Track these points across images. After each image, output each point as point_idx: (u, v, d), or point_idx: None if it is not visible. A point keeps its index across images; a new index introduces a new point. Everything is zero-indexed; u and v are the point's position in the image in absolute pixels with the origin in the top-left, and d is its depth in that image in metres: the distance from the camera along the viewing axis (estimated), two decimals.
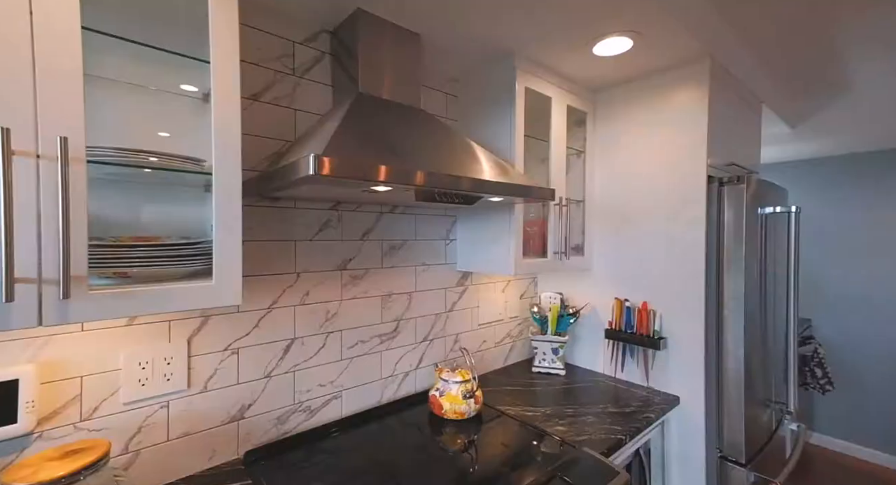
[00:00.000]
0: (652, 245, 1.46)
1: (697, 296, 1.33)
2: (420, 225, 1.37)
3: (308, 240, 1.09)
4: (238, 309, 0.96)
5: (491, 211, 1.36)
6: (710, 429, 1.32)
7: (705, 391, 1.32)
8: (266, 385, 1.01)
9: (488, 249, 1.38)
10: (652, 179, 1.46)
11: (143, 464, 0.82)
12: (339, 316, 1.15)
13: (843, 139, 2.53)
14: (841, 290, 2.81)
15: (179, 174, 0.79)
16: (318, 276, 1.11)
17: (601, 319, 1.61)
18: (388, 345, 1.27)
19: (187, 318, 0.88)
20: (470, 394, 1.18)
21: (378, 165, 0.71)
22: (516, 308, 1.75)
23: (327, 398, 1.12)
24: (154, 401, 0.84)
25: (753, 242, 1.31)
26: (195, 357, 0.89)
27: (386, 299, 1.27)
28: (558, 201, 1.44)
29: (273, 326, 1.02)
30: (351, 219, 1.18)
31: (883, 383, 2.62)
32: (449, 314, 1.46)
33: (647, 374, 1.45)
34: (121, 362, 0.80)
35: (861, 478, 2.41)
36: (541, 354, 1.63)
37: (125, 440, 0.80)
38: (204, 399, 0.91)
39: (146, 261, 0.63)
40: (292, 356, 1.06)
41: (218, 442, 0.92)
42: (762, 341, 1.39)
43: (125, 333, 0.81)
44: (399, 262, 1.31)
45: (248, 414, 0.97)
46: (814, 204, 2.95)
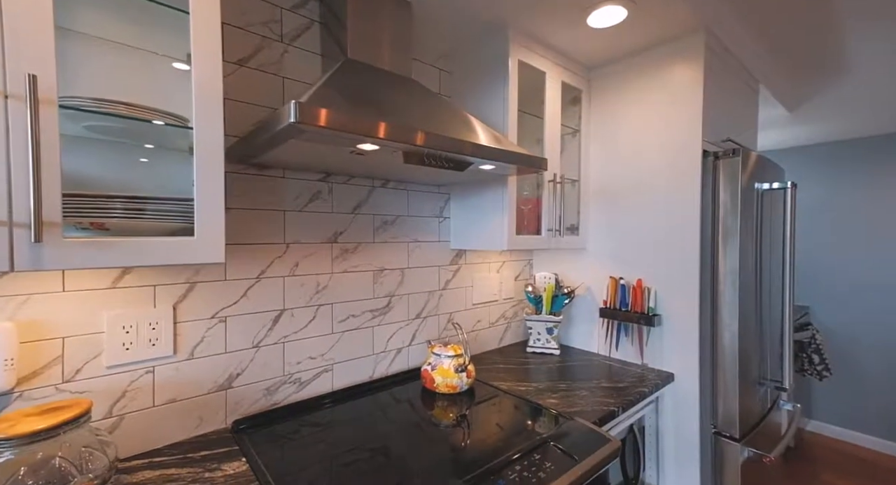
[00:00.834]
0: (647, 222, 1.44)
1: (692, 272, 1.32)
2: (413, 201, 1.35)
3: (297, 211, 1.07)
4: (225, 277, 0.95)
5: (484, 187, 1.34)
6: (704, 405, 1.31)
7: (699, 367, 1.31)
8: (255, 355, 1.00)
9: (482, 225, 1.36)
10: (647, 157, 1.44)
11: (127, 429, 0.81)
12: (329, 289, 1.14)
13: (841, 123, 2.51)
14: (839, 277, 2.80)
15: (162, 136, 0.78)
16: (308, 247, 1.09)
17: (596, 300, 1.60)
18: (380, 320, 1.26)
19: (173, 284, 0.87)
20: (462, 368, 1.17)
21: (364, 119, 0.69)
22: (511, 290, 1.74)
23: (318, 371, 1.11)
24: (139, 366, 0.83)
25: (749, 216, 1.30)
26: (181, 324, 0.88)
27: (378, 275, 1.26)
28: (553, 178, 1.43)
29: (262, 297, 1.01)
30: (342, 192, 1.16)
31: (881, 370, 2.62)
32: (442, 293, 1.45)
33: (642, 351, 1.44)
34: (104, 325, 0.78)
35: (859, 464, 2.41)
36: (535, 335, 1.62)
37: (109, 404, 0.79)
38: (191, 366, 0.89)
39: (125, 213, 0.62)
40: (281, 327, 1.04)
41: (205, 410, 0.91)
42: (757, 319, 1.38)
43: (108, 296, 0.79)
44: (391, 237, 1.29)
45: (237, 384, 0.96)
46: (811, 191, 2.94)
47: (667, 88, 1.39)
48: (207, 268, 0.92)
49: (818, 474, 2.32)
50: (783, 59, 1.70)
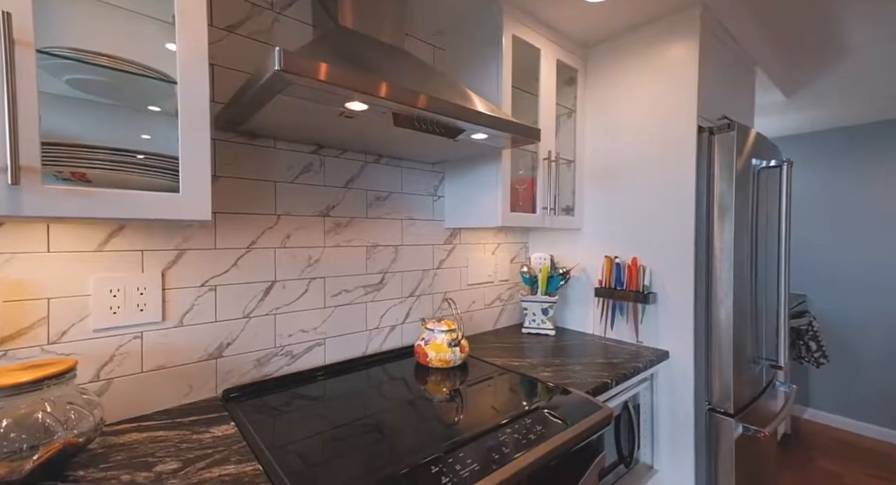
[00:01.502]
0: (642, 201, 1.44)
1: (687, 248, 1.32)
2: (406, 178, 1.35)
3: (289, 182, 1.06)
4: (215, 246, 0.94)
5: (478, 164, 1.33)
6: (699, 382, 1.31)
7: (694, 344, 1.31)
8: (245, 326, 0.99)
9: (476, 202, 1.35)
10: (642, 135, 1.43)
11: (116, 393, 0.81)
12: (321, 263, 1.13)
13: (839, 109, 2.50)
14: (836, 265, 2.80)
15: (147, 96, 0.77)
16: (299, 220, 1.09)
17: (591, 281, 1.60)
18: (373, 296, 1.26)
19: (161, 250, 0.86)
20: (455, 343, 1.17)
21: (353, 73, 0.68)
22: (507, 272, 1.73)
23: (310, 345, 1.11)
24: (126, 331, 0.82)
25: (744, 192, 1.29)
26: (170, 290, 0.88)
27: (371, 250, 1.25)
28: (547, 156, 1.42)
29: (252, 267, 1.00)
30: (334, 165, 1.16)
31: (878, 358, 2.62)
32: (437, 271, 1.45)
33: (637, 329, 1.44)
34: (90, 288, 0.78)
35: (856, 451, 2.42)
36: (530, 316, 1.61)
37: (96, 368, 0.79)
38: (180, 334, 0.89)
39: (108, 165, 0.61)
40: (273, 299, 1.04)
41: (195, 378, 0.91)
42: (753, 298, 1.38)
43: (94, 259, 0.78)
44: (384, 213, 1.28)
45: (227, 353, 0.96)
46: (809, 180, 2.93)
47: (662, 65, 1.38)
48: (196, 235, 0.91)
49: (815, 459, 2.33)
50: (780, 40, 1.69)
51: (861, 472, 2.20)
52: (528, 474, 0.69)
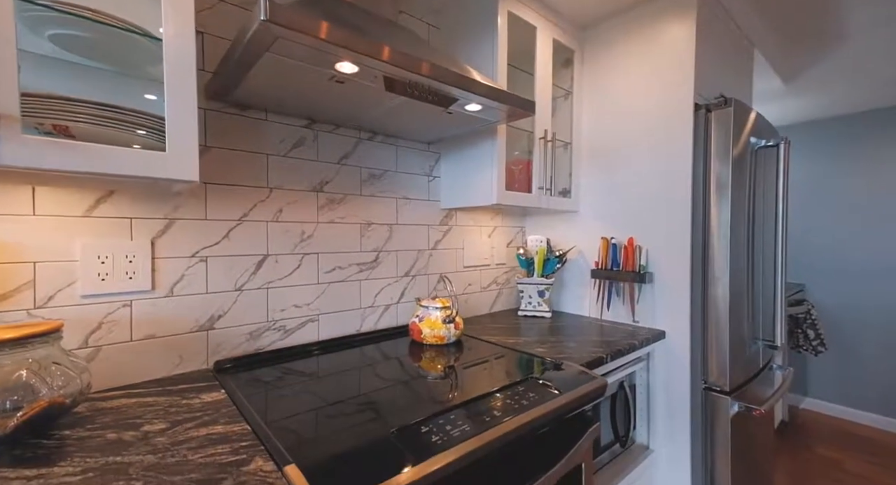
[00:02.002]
0: (639, 181, 1.43)
1: (684, 226, 1.31)
2: (401, 157, 1.34)
3: (281, 155, 1.05)
4: (206, 216, 0.93)
5: (473, 142, 1.32)
6: (695, 361, 1.31)
7: (691, 323, 1.30)
8: (237, 298, 0.98)
9: (472, 182, 1.34)
10: (639, 114, 1.42)
11: (104, 361, 0.80)
12: (315, 238, 1.12)
13: (837, 96, 2.49)
14: (835, 255, 2.80)
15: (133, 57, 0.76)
16: (292, 194, 1.08)
17: (588, 264, 1.59)
18: (367, 275, 1.25)
19: (150, 218, 0.85)
20: (450, 319, 1.16)
21: (343, 30, 0.67)
22: (503, 256, 1.73)
23: (303, 321, 1.10)
24: (115, 298, 0.81)
25: (741, 169, 1.28)
26: (160, 260, 0.87)
27: (365, 228, 1.24)
28: (543, 135, 1.41)
29: (244, 240, 0.99)
30: (327, 141, 1.14)
31: (877, 348, 2.62)
32: (432, 252, 1.44)
33: (633, 310, 1.43)
34: (77, 254, 0.77)
35: (854, 439, 2.42)
36: (527, 298, 1.60)
37: (84, 334, 0.78)
38: (170, 304, 0.88)
39: (93, 119, 0.60)
40: (265, 273, 1.03)
41: (186, 349, 0.90)
42: (749, 278, 1.37)
43: (82, 224, 0.78)
44: (378, 191, 1.27)
45: (219, 325, 0.95)
46: (807, 169, 2.92)
47: (659, 44, 1.37)
48: (186, 205, 0.90)
49: (813, 446, 2.33)
50: (779, 22, 1.68)
51: (859, 458, 2.20)
52: (519, 437, 0.68)
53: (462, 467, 0.59)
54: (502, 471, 0.69)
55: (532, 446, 0.74)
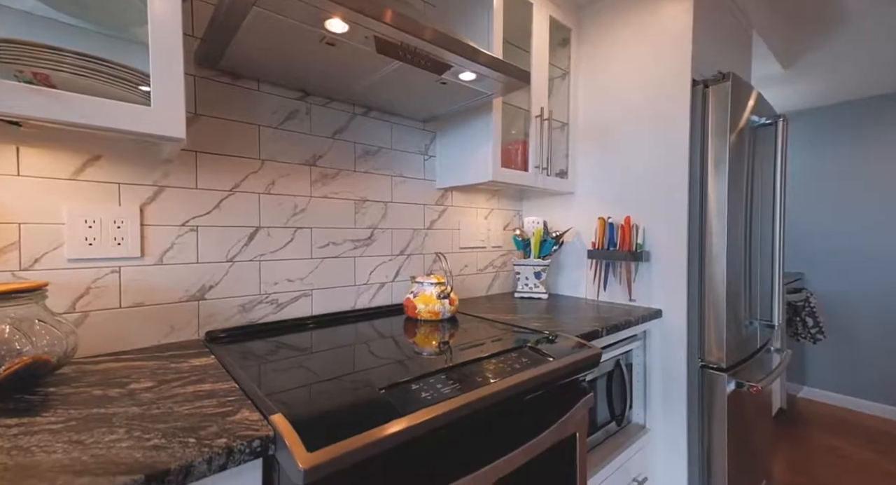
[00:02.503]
0: (636, 159, 1.42)
1: (681, 204, 1.30)
2: (396, 134, 1.32)
3: (273, 127, 1.04)
4: (196, 185, 0.92)
5: (469, 120, 1.31)
6: (692, 339, 1.30)
7: (687, 301, 1.29)
8: (229, 270, 0.97)
9: (467, 160, 1.33)
10: (636, 92, 1.41)
11: (92, 327, 0.79)
12: (308, 213, 1.11)
13: (835, 83, 2.47)
14: (833, 243, 2.79)
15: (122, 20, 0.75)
16: (284, 167, 1.06)
17: (585, 246, 1.58)
18: (362, 252, 1.24)
19: (139, 184, 0.84)
20: (445, 295, 1.15)
21: None
22: (500, 239, 1.72)
23: (296, 295, 1.09)
24: (103, 264, 0.80)
25: (739, 146, 1.27)
26: (149, 227, 0.86)
27: (359, 205, 1.23)
28: (539, 113, 1.40)
29: (235, 211, 0.98)
30: (320, 114, 1.13)
31: (875, 336, 2.61)
32: (427, 232, 1.43)
33: (630, 289, 1.42)
34: (64, 217, 0.76)
35: (852, 426, 2.42)
36: (523, 280, 1.60)
37: (72, 299, 0.77)
38: (160, 272, 0.87)
39: (75, 70, 0.59)
40: (257, 245, 1.02)
41: (176, 319, 0.89)
42: (747, 256, 1.36)
43: (68, 188, 0.76)
44: (373, 168, 1.26)
45: (210, 296, 0.94)
46: (805, 158, 2.91)
47: (656, 21, 1.35)
48: (176, 173, 0.89)
49: (811, 433, 2.32)
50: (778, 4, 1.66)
51: (857, 445, 2.19)
52: (512, 397, 0.67)
53: (452, 422, 0.58)
54: (495, 431, 0.68)
55: (525, 409, 0.74)
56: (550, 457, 0.81)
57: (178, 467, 0.41)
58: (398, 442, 0.51)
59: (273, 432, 0.48)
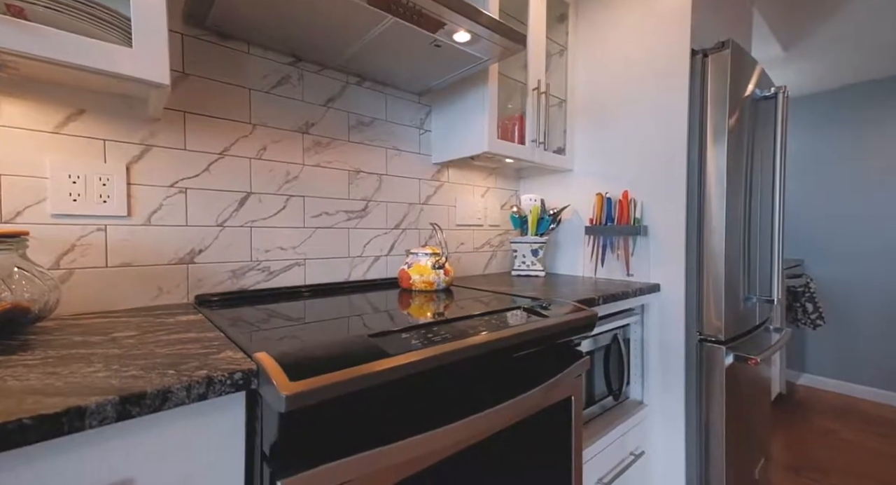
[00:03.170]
0: (635, 132, 1.40)
1: (679, 177, 1.28)
2: (391, 105, 1.30)
3: (264, 91, 1.02)
4: (185, 146, 0.90)
5: (464, 92, 1.29)
6: (690, 313, 1.28)
7: (686, 275, 1.28)
8: (219, 234, 0.95)
9: (462, 132, 1.31)
10: (635, 65, 1.39)
11: (78, 286, 0.77)
12: (300, 181, 1.10)
13: (836, 65, 2.45)
14: (833, 230, 2.77)
15: None
16: (276, 133, 1.05)
17: (583, 223, 1.56)
18: (356, 223, 1.22)
19: (125, 142, 0.82)
20: (439, 265, 1.14)
21: None
22: (497, 218, 1.70)
23: (288, 264, 1.08)
24: (88, 221, 0.78)
25: (739, 115, 1.25)
26: (136, 186, 0.84)
27: (353, 175, 1.21)
28: (536, 86, 1.38)
29: (226, 175, 0.96)
30: (313, 81, 1.11)
31: (875, 322, 2.60)
32: (423, 207, 1.41)
33: (628, 264, 1.41)
34: (47, 171, 0.74)
35: (851, 411, 2.41)
36: (520, 258, 1.58)
37: (56, 255, 0.75)
38: (148, 233, 0.85)
39: (52, 3, 0.57)
40: (248, 211, 1.00)
41: (165, 281, 0.88)
42: (746, 230, 1.34)
43: (51, 141, 0.75)
44: (367, 139, 1.24)
45: (199, 260, 0.92)
46: (805, 144, 2.89)
47: None
48: (163, 132, 0.87)
49: (810, 417, 2.32)
50: None
51: (855, 428, 2.19)
52: (504, 350, 0.66)
53: (442, 367, 0.56)
54: (486, 383, 0.67)
55: (518, 365, 0.72)
56: (545, 419, 0.80)
57: (155, 391, 0.40)
58: (384, 380, 0.50)
59: (256, 366, 0.47)
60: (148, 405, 0.39)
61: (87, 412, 0.36)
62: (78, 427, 0.36)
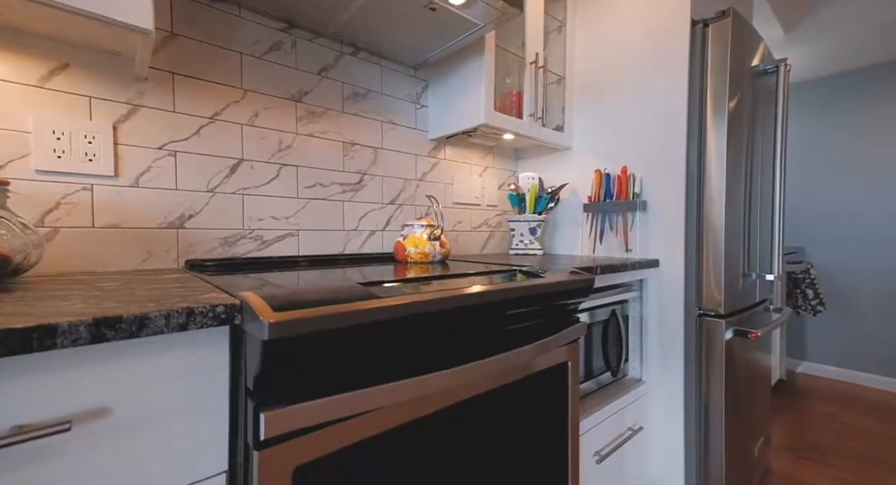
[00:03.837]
0: (633, 107, 1.38)
1: (679, 150, 1.26)
2: (387, 78, 1.28)
3: (256, 57, 1.00)
4: (174, 108, 0.88)
5: (460, 64, 1.27)
6: (689, 288, 1.27)
7: (685, 250, 1.26)
8: (210, 200, 0.94)
9: (458, 105, 1.30)
10: (634, 38, 1.37)
11: (64, 244, 0.76)
12: (294, 150, 1.08)
13: (837, 49, 2.43)
14: (834, 217, 2.76)
15: None
16: (268, 99, 1.03)
17: (581, 201, 1.55)
18: (351, 196, 1.20)
19: (111, 100, 0.81)
20: (435, 237, 1.12)
21: None
22: (495, 198, 1.68)
23: (281, 234, 1.06)
24: (74, 179, 0.77)
25: (739, 86, 1.23)
26: (124, 146, 0.82)
27: (348, 147, 1.19)
28: (534, 59, 1.36)
29: (217, 140, 0.95)
30: (306, 49, 1.09)
31: (875, 310, 2.59)
32: (419, 183, 1.39)
33: (627, 240, 1.39)
34: (30, 125, 0.72)
35: (851, 397, 2.40)
36: (518, 237, 1.56)
37: (41, 212, 0.73)
38: (136, 194, 0.84)
39: None
40: (240, 177, 0.98)
41: (154, 244, 0.86)
42: (746, 204, 1.33)
43: (34, 95, 0.73)
44: (362, 111, 1.22)
45: (190, 225, 0.91)
46: (805, 131, 2.87)
47: None
48: (152, 92, 0.85)
49: (810, 403, 2.31)
50: None
51: (856, 413, 2.18)
52: (496, 304, 0.65)
53: (432, 315, 0.55)
54: (480, 337, 0.65)
55: (514, 322, 0.71)
56: (542, 384, 0.79)
57: (132, 316, 0.38)
58: (371, 320, 0.48)
59: (240, 303, 0.45)
60: (124, 330, 0.38)
61: (58, 330, 0.34)
62: (49, 345, 0.34)
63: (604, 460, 1.07)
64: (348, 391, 0.46)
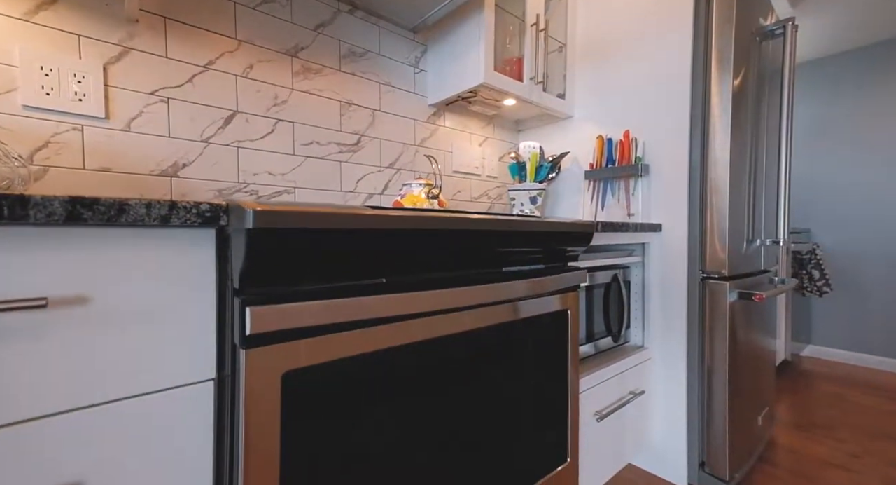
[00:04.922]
0: (636, 71, 1.35)
1: (682, 111, 1.24)
2: (385, 39, 1.26)
3: (250, 7, 0.98)
4: (166, 54, 0.86)
5: (458, 26, 1.25)
6: (692, 252, 1.25)
7: (688, 212, 1.24)
8: (204, 150, 0.92)
9: (457, 67, 1.27)
10: (637, 1, 1.34)
11: (54, 185, 0.74)
12: (290, 106, 1.06)
13: (845, 25, 2.38)
14: (840, 198, 2.72)
15: None
16: (263, 52, 1.01)
17: (582, 170, 1.52)
18: (348, 157, 1.19)
19: (101, 41, 0.79)
20: (433, 195, 1.10)
21: None
22: (495, 169, 1.66)
23: (277, 190, 1.04)
24: (63, 118, 0.75)
25: (745, 44, 1.21)
26: (114, 89, 0.80)
27: (345, 107, 1.18)
28: (535, 21, 1.34)
29: (210, 89, 0.93)
30: (302, 4, 1.07)
31: (882, 288, 2.55)
32: (418, 148, 1.37)
33: (629, 204, 1.37)
34: (16, 59, 0.71)
35: (857, 378, 2.37)
36: (518, 206, 1.54)
37: (30, 150, 0.72)
38: (128, 139, 0.82)
39: None
40: (235, 130, 0.97)
41: (147, 192, 0.84)
42: (752, 166, 1.30)
43: (21, 28, 0.71)
44: (360, 71, 1.20)
45: (183, 174, 0.89)
46: (811, 111, 2.83)
47: None
48: (143, 36, 0.83)
49: (815, 383, 2.28)
50: None
51: (864, 393, 2.15)
52: (496, 236, 0.63)
53: (427, 237, 0.53)
54: (477, 266, 0.63)
55: (512, 260, 0.69)
56: (542, 329, 0.77)
57: (111, 200, 0.36)
58: (363, 227, 0.46)
59: (226, 204, 0.44)
60: (102, 212, 0.36)
61: (30, 202, 0.33)
62: (21, 215, 0.32)
63: (604, 418, 1.06)
64: (339, 298, 0.44)
